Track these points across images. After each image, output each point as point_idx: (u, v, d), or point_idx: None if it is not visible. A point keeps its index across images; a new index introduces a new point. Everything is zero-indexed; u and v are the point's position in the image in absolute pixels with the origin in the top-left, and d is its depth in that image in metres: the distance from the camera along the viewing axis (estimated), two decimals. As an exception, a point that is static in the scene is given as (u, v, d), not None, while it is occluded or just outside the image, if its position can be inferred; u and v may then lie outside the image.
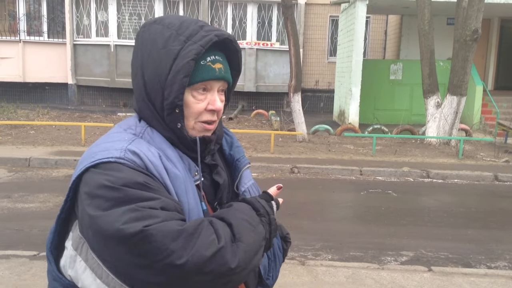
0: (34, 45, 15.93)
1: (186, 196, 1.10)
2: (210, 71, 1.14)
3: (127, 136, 1.12)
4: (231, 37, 1.17)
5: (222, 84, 1.18)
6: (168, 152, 1.13)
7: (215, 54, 1.15)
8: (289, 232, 1.46)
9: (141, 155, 1.06)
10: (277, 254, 1.34)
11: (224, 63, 1.17)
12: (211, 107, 1.15)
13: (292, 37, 10.58)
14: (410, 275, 4.22)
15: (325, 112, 16.47)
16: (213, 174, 1.21)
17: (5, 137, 10.08)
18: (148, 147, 1.10)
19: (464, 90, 10.48)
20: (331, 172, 8.38)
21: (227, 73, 1.18)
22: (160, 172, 1.07)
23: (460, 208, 6.70)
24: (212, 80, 1.15)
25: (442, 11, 13.49)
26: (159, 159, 1.08)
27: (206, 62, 1.13)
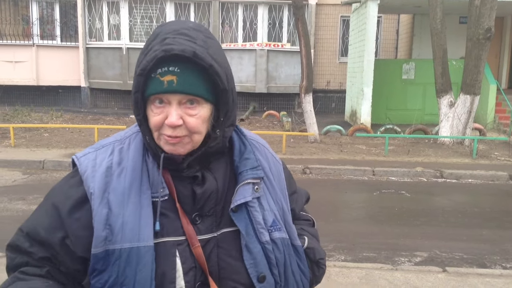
0: (47, 49, 16.11)
1: (123, 208, 1.08)
2: (157, 84, 1.07)
3: (106, 143, 1.20)
4: (186, 53, 1.04)
5: (183, 98, 1.08)
6: (129, 163, 1.14)
7: (170, 66, 1.06)
8: (324, 256, 1.34)
9: (90, 162, 1.15)
10: (298, 279, 1.24)
11: (181, 76, 1.06)
12: (166, 122, 1.08)
13: (303, 37, 10.57)
14: (424, 276, 4.19)
15: (337, 113, 16.41)
16: (194, 184, 1.14)
17: (19, 140, 10.20)
18: (105, 157, 1.16)
19: (478, 89, 10.37)
20: (343, 172, 8.35)
21: (185, 85, 1.06)
22: (96, 180, 1.12)
23: (475, 208, 6.64)
24: (162, 93, 1.07)
25: (455, 10, 13.38)
26: (104, 170, 1.13)
27: (156, 75, 1.07)
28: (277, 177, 1.28)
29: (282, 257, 1.18)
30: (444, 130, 10.69)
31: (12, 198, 6.48)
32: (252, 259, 1.14)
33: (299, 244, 1.25)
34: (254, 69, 15.95)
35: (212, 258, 1.12)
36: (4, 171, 8.08)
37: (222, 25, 16.05)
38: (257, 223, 1.16)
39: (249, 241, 1.14)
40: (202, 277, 1.10)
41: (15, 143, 9.79)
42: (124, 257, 1.05)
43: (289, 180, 1.35)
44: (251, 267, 1.14)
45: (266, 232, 1.16)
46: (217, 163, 1.19)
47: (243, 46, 16.00)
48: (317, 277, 1.32)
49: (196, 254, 1.10)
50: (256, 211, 1.16)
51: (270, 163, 1.28)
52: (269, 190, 1.23)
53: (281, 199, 1.26)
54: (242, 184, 1.17)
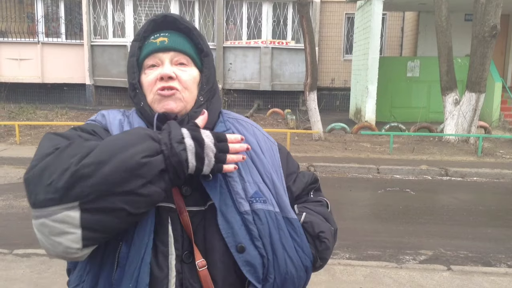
0: (52, 47, 16.15)
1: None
2: (151, 45, 1.22)
3: (116, 110, 1.33)
4: (174, 15, 1.24)
5: (174, 55, 1.21)
6: (134, 120, 1.24)
7: (161, 32, 1.24)
8: (326, 230, 1.29)
9: (105, 116, 1.26)
10: (292, 254, 1.20)
11: (171, 37, 1.22)
12: (160, 74, 1.18)
13: (307, 35, 10.55)
14: (429, 274, 4.18)
15: (341, 111, 16.38)
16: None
17: (24, 137, 10.24)
18: (115, 115, 1.26)
19: (483, 86, 10.33)
20: (347, 170, 8.34)
21: (176, 44, 1.21)
22: (112, 128, 1.21)
23: (480, 207, 6.62)
24: (155, 52, 1.21)
25: (460, 7, 13.32)
26: (118, 122, 1.23)
27: (149, 40, 1.23)
28: (268, 153, 1.30)
29: (266, 228, 1.16)
30: (449, 128, 10.66)
31: (18, 196, 6.51)
32: (229, 229, 1.13)
33: (293, 217, 1.23)
34: (258, 67, 15.93)
35: (199, 230, 1.14)
36: (10, 168, 8.12)
37: (226, 23, 16.04)
38: (235, 193, 1.16)
39: (226, 210, 1.14)
40: (189, 247, 1.12)
41: (21, 140, 9.82)
42: None
43: (286, 160, 1.37)
44: (228, 236, 1.13)
45: (246, 202, 1.16)
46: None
47: (248, 43, 15.99)
48: (321, 252, 1.27)
49: (183, 222, 1.12)
50: (235, 181, 1.17)
51: (258, 139, 1.31)
52: (254, 162, 1.24)
53: (270, 172, 1.26)
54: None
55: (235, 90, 16.11)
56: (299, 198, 1.36)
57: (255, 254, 1.14)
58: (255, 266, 1.14)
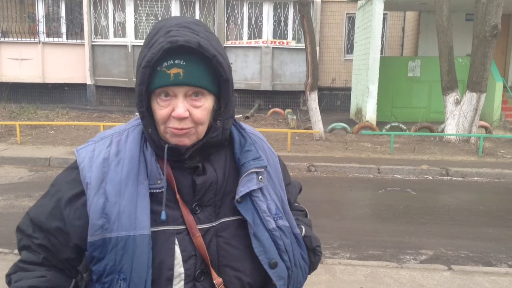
0: (53, 46, 16.16)
1: (119, 197, 1.11)
2: (164, 77, 1.10)
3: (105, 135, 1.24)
4: (191, 44, 1.08)
5: (189, 90, 1.12)
6: (126, 154, 1.16)
7: (175, 59, 1.10)
8: (319, 244, 1.39)
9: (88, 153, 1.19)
10: (301, 265, 1.28)
11: (186, 68, 1.10)
12: (173, 114, 1.12)
13: (308, 35, 10.54)
14: (430, 274, 4.18)
15: (342, 110, 16.38)
16: (194, 174, 1.17)
17: (25, 137, 10.24)
18: (102, 149, 1.19)
19: (484, 86, 10.32)
20: (348, 170, 8.33)
21: (191, 78, 1.10)
22: (93, 170, 1.15)
23: (480, 206, 6.61)
24: (169, 86, 1.11)
25: (461, 7, 13.31)
26: (101, 161, 1.16)
27: (162, 68, 1.10)
28: (274, 169, 1.33)
29: (289, 242, 1.23)
30: (450, 128, 10.65)
31: (18, 195, 6.52)
32: (261, 247, 1.17)
33: (298, 232, 1.30)
34: (259, 67, 15.93)
35: (211, 247, 1.16)
36: (11, 168, 8.13)
37: (227, 23, 16.04)
38: (263, 212, 1.19)
39: (257, 230, 1.18)
40: (202, 265, 1.14)
41: (21, 140, 9.83)
42: (121, 245, 1.09)
43: (284, 172, 1.40)
44: (261, 254, 1.17)
45: (272, 219, 1.20)
46: (216, 155, 1.23)
47: (248, 43, 15.99)
48: (314, 264, 1.37)
49: (196, 243, 1.13)
50: (261, 201, 1.20)
51: (267, 156, 1.32)
52: (269, 182, 1.27)
53: (279, 189, 1.30)
54: (246, 175, 1.20)
55: (236, 90, 15.70)
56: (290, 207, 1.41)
57: (284, 268, 1.20)
58: (285, 279, 1.20)
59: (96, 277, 1.13)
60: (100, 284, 1.12)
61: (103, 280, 1.10)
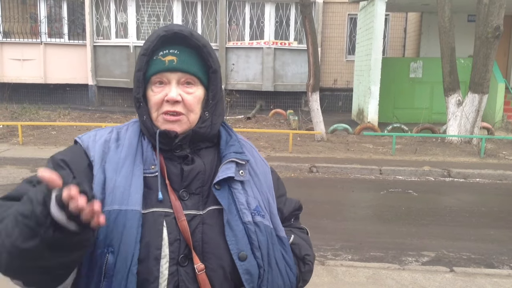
0: (55, 47, 16.17)
1: (115, 174, 1.18)
2: (159, 64, 1.22)
3: (107, 127, 1.33)
4: (184, 32, 1.22)
5: (182, 76, 1.22)
6: (126, 141, 1.25)
7: (170, 48, 1.23)
8: (311, 254, 1.36)
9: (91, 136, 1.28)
10: (280, 269, 1.24)
11: (180, 56, 1.22)
12: (166, 98, 1.21)
13: (310, 35, 10.54)
14: (432, 276, 4.17)
15: (344, 111, 16.36)
16: (183, 163, 1.24)
17: (27, 137, 10.25)
18: (102, 134, 1.28)
19: (486, 87, 10.31)
20: (350, 171, 8.32)
21: (184, 64, 1.22)
22: (94, 149, 1.23)
23: (482, 208, 6.60)
24: (163, 72, 1.21)
25: (463, 8, 13.29)
26: (102, 142, 1.25)
27: (158, 57, 1.22)
28: (263, 174, 1.36)
29: (265, 240, 1.22)
30: (452, 129, 10.63)
31: (20, 196, 6.52)
32: (233, 236, 1.18)
33: (284, 236, 1.30)
34: (261, 68, 15.93)
35: (197, 233, 1.17)
36: (12, 169, 8.14)
37: (229, 23, 16.04)
38: (240, 203, 1.22)
39: (231, 218, 1.20)
40: (186, 250, 1.16)
41: (23, 140, 9.84)
42: (112, 219, 1.12)
43: (277, 183, 1.42)
44: (232, 243, 1.18)
45: (248, 213, 1.22)
46: (206, 151, 1.29)
47: (250, 44, 15.99)
48: (304, 274, 1.34)
49: (181, 227, 1.16)
50: (239, 193, 1.24)
51: (256, 160, 1.37)
52: (253, 179, 1.31)
53: (266, 191, 1.32)
54: (225, 163, 1.25)
55: (237, 91, 16.11)
56: (284, 221, 1.40)
57: (254, 264, 1.19)
58: (253, 276, 1.18)
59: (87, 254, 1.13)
60: (88, 262, 1.12)
61: (92, 255, 1.11)
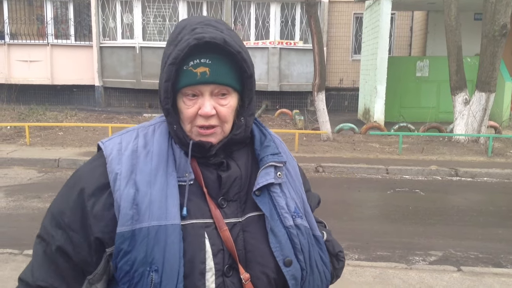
0: (61, 48, 16.25)
1: (150, 187, 1.11)
2: (191, 76, 1.13)
3: (130, 129, 1.25)
4: (217, 40, 1.10)
5: (215, 88, 1.14)
6: (154, 147, 1.18)
7: (201, 57, 1.12)
8: (342, 250, 1.37)
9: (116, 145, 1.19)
10: (319, 270, 1.24)
11: (213, 66, 1.13)
12: (200, 112, 1.14)
13: (315, 35, 10.52)
14: (439, 275, 4.15)
15: (350, 111, 16.32)
16: (219, 170, 1.19)
17: (34, 138, 10.31)
18: (130, 140, 1.19)
19: (493, 86, 10.25)
20: (356, 171, 8.31)
21: (217, 76, 1.13)
22: (123, 161, 1.15)
23: (490, 207, 6.56)
24: (195, 85, 1.13)
25: (469, 6, 13.22)
26: (130, 152, 1.16)
27: (188, 67, 1.13)
28: (294, 170, 1.33)
29: (306, 243, 1.20)
30: (459, 128, 10.58)
31: (28, 196, 6.56)
32: (277, 243, 1.16)
33: (319, 235, 1.27)
34: (266, 67, 15.93)
35: (239, 242, 1.15)
36: (20, 170, 8.18)
37: (234, 23, 16.05)
38: (281, 208, 1.19)
39: (274, 224, 1.17)
40: (230, 260, 1.13)
41: (31, 141, 9.90)
42: (152, 235, 1.07)
43: (304, 178, 1.40)
44: (277, 250, 1.16)
45: (289, 216, 1.19)
46: (239, 152, 1.24)
47: (256, 44, 15.99)
48: (337, 270, 1.34)
49: (224, 237, 1.13)
50: (279, 196, 1.20)
51: (288, 156, 1.33)
52: (289, 180, 1.28)
53: (300, 190, 1.30)
54: (263, 168, 1.21)
55: (243, 91, 16.10)
56: None
57: (298, 268, 1.18)
58: (298, 280, 1.17)
59: (123, 274, 1.09)
60: (127, 281, 1.08)
61: (132, 275, 1.07)
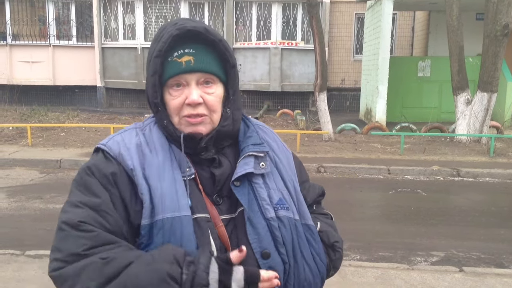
0: (63, 49, 16.28)
1: (160, 181, 1.12)
2: (176, 66, 1.14)
3: (128, 128, 1.25)
4: (198, 29, 1.13)
5: (201, 76, 1.16)
6: (156, 144, 1.19)
7: (185, 47, 1.15)
8: (339, 240, 1.33)
9: (120, 143, 1.18)
10: (310, 262, 1.21)
11: (197, 55, 1.15)
12: (187, 101, 1.15)
13: (317, 35, 10.52)
14: (441, 276, 4.14)
15: (351, 111, 16.31)
16: (211, 167, 1.20)
17: (36, 139, 10.32)
18: (131, 138, 1.19)
19: (495, 86, 10.24)
20: (358, 171, 8.30)
21: (202, 64, 1.15)
22: (130, 157, 1.15)
23: (492, 207, 6.55)
24: (181, 74, 1.14)
25: (471, 6, 13.20)
26: (135, 147, 1.17)
27: (173, 58, 1.14)
28: (286, 160, 1.31)
29: (289, 235, 1.18)
30: (461, 128, 10.57)
31: (30, 197, 6.56)
32: (256, 235, 1.15)
33: (312, 224, 1.26)
34: (268, 68, 15.93)
35: (233, 238, 1.15)
36: (22, 170, 8.19)
37: (236, 24, 16.06)
38: (262, 199, 1.18)
39: (253, 216, 1.16)
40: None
41: (32, 142, 9.91)
42: (167, 227, 1.08)
43: (299, 168, 1.37)
44: (254, 242, 1.14)
45: (271, 208, 1.18)
46: (229, 148, 1.25)
47: (257, 44, 16.00)
48: (334, 262, 1.30)
49: (220, 233, 1.14)
50: (261, 188, 1.19)
51: (279, 145, 1.32)
52: (278, 169, 1.26)
53: (292, 179, 1.28)
54: (243, 158, 1.20)
55: (244, 91, 16.10)
56: (308, 208, 1.35)
57: (279, 261, 1.16)
58: (278, 273, 1.14)
59: None
60: None
61: None
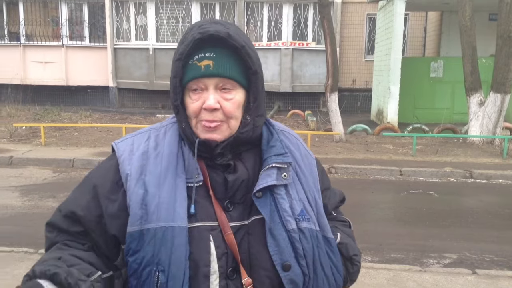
0: (76, 50, 16.42)
1: (159, 189, 1.13)
2: (195, 70, 1.14)
3: (142, 131, 1.28)
4: (221, 33, 1.12)
5: (219, 81, 1.14)
6: (165, 148, 1.19)
7: (206, 51, 1.14)
8: (358, 253, 1.31)
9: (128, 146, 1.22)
10: (327, 275, 1.21)
11: (217, 60, 1.13)
12: (204, 106, 1.14)
13: (328, 36, 10.49)
14: (454, 278, 4.11)
15: (363, 112, 16.24)
16: (225, 172, 1.18)
17: (50, 138, 10.42)
18: (141, 143, 1.22)
19: (508, 87, 10.14)
20: (369, 172, 8.26)
21: (221, 69, 1.13)
22: (133, 162, 1.18)
23: (506, 209, 6.48)
24: (199, 78, 1.14)
25: (484, 7, 13.09)
26: (140, 154, 1.19)
27: (193, 61, 1.14)
28: (309, 169, 1.29)
29: (310, 248, 1.18)
30: (474, 130, 10.48)
31: (43, 196, 6.63)
32: (276, 246, 1.14)
33: (331, 237, 1.24)
34: (279, 68, 15.93)
35: (243, 245, 1.14)
36: (35, 169, 8.28)
37: (247, 25, 16.08)
38: (283, 211, 1.17)
39: (274, 227, 1.15)
40: (233, 263, 1.13)
41: (46, 142, 10.00)
42: (159, 236, 1.09)
43: (322, 175, 1.36)
44: (275, 254, 1.14)
45: (293, 220, 1.17)
46: (247, 153, 1.23)
47: (268, 45, 16.00)
48: (352, 275, 1.30)
49: (228, 240, 1.13)
50: (283, 199, 1.18)
51: (302, 154, 1.30)
52: (300, 179, 1.25)
53: (313, 190, 1.26)
54: (265, 169, 1.18)
55: (256, 92, 16.11)
56: (327, 215, 1.34)
57: (299, 273, 1.16)
58: (298, 285, 1.15)
59: (132, 271, 1.12)
60: (136, 279, 1.11)
61: (140, 273, 1.10)
